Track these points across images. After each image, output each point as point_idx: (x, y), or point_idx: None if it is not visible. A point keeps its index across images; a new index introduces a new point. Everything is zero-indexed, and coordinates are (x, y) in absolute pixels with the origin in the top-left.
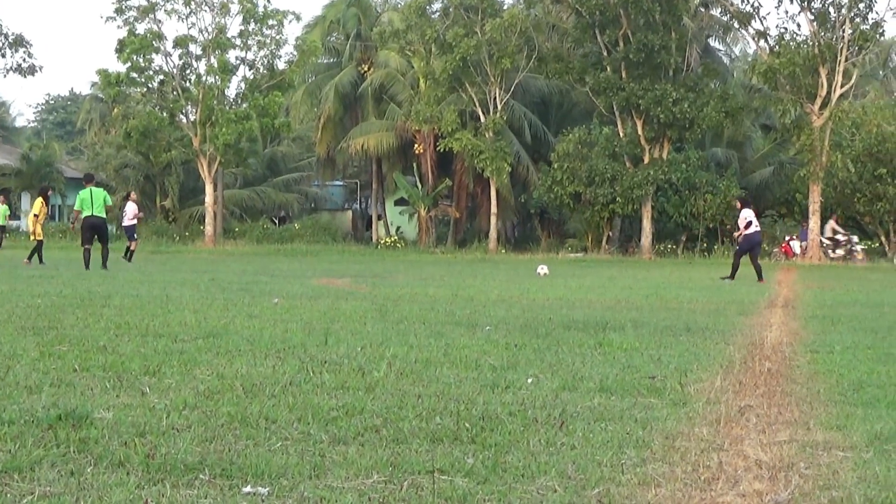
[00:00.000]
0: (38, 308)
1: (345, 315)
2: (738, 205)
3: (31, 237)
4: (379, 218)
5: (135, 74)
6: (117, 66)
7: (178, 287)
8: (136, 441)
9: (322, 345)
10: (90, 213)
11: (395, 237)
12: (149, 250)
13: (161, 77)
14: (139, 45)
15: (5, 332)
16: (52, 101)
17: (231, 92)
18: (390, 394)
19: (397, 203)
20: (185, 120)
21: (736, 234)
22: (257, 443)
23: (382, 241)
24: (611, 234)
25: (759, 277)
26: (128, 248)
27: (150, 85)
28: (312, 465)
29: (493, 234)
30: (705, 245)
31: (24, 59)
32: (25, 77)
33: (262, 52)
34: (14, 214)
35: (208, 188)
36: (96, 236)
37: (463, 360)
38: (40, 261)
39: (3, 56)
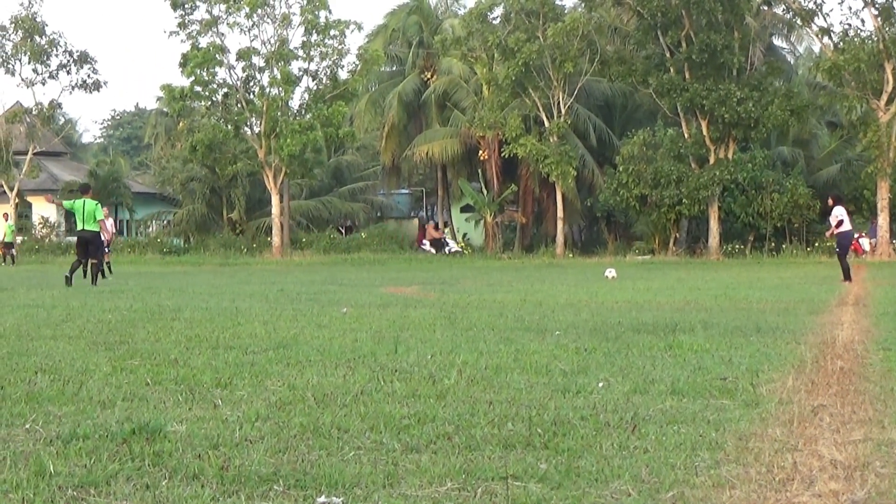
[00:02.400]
0: (108, 323)
1: (414, 323)
2: (831, 202)
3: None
4: (445, 225)
5: (199, 88)
6: (181, 81)
7: (248, 299)
8: (210, 453)
9: (392, 353)
10: (81, 227)
11: (462, 244)
12: (217, 262)
13: (225, 90)
14: (202, 59)
15: (77, 347)
16: (118, 117)
17: (295, 103)
18: (461, 401)
19: (463, 210)
20: (249, 132)
21: (828, 233)
22: (330, 453)
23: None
24: (678, 235)
25: (846, 277)
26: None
27: (214, 98)
28: (386, 474)
29: (559, 238)
30: (773, 245)
31: (88, 76)
32: (90, 93)
33: (324, 63)
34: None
35: (274, 199)
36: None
37: (533, 365)
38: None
39: (69, 73)
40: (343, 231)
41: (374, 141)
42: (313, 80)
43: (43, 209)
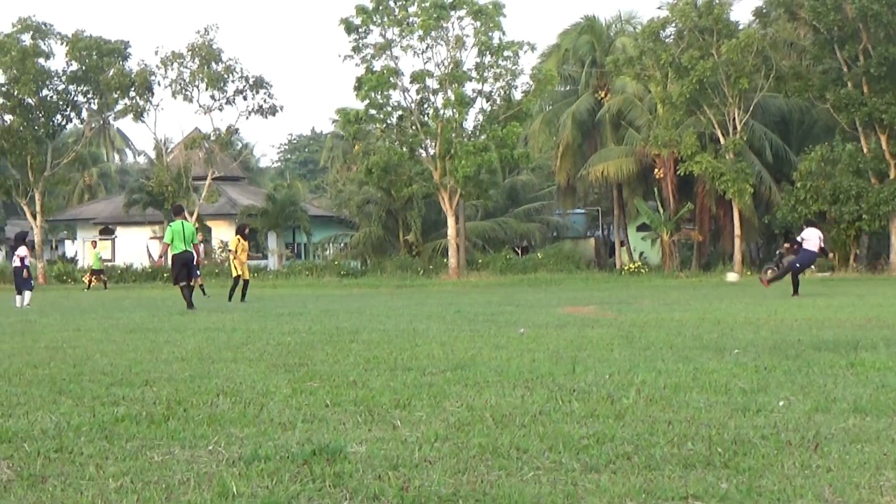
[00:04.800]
0: (288, 345)
1: (591, 343)
2: (804, 225)
3: (234, 273)
4: (622, 244)
5: (373, 111)
6: (356, 104)
7: (425, 320)
8: (390, 474)
9: (570, 373)
10: (183, 248)
11: (639, 263)
12: (393, 284)
13: (399, 112)
14: (377, 82)
15: (258, 369)
16: (295, 141)
17: (469, 124)
18: (640, 420)
19: (639, 228)
20: (424, 154)
21: (785, 247)
22: (509, 473)
23: (626, 268)
24: (858, 251)
25: (795, 291)
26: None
27: (388, 121)
28: (565, 494)
29: (737, 256)
30: None
31: (264, 101)
32: (267, 118)
33: (498, 84)
34: (262, 254)
35: (450, 221)
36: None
37: (712, 384)
38: (229, 297)
39: (245, 98)
40: (519, 251)
41: (549, 161)
42: (487, 101)
43: (222, 234)
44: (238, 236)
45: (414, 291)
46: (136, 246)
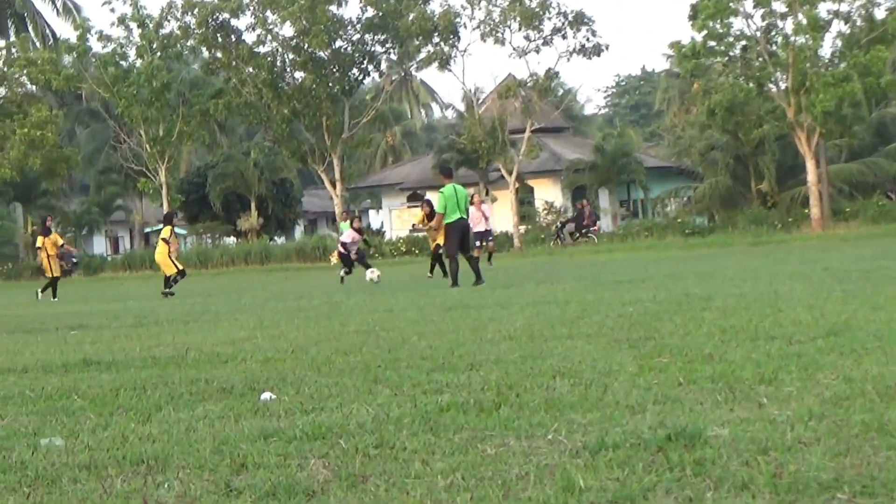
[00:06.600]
0: (630, 317)
1: None
2: None
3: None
4: None
5: (713, 43)
6: (692, 36)
7: (787, 281)
8: (759, 459)
9: None
10: (459, 216)
11: None
12: (747, 242)
13: (743, 42)
14: (714, 10)
15: (597, 346)
16: (623, 83)
17: (825, 51)
18: None
19: None
20: (774, 89)
21: None
22: None
23: None
24: None
25: None
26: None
27: (731, 53)
28: None
29: None
30: None
31: (587, 39)
32: (590, 58)
33: (857, 2)
34: (595, 215)
35: (809, 165)
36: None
37: None
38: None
39: (564, 37)
40: (893, 196)
41: None
42: (846, 24)
43: (546, 193)
44: (424, 203)
45: (771, 248)
46: None
